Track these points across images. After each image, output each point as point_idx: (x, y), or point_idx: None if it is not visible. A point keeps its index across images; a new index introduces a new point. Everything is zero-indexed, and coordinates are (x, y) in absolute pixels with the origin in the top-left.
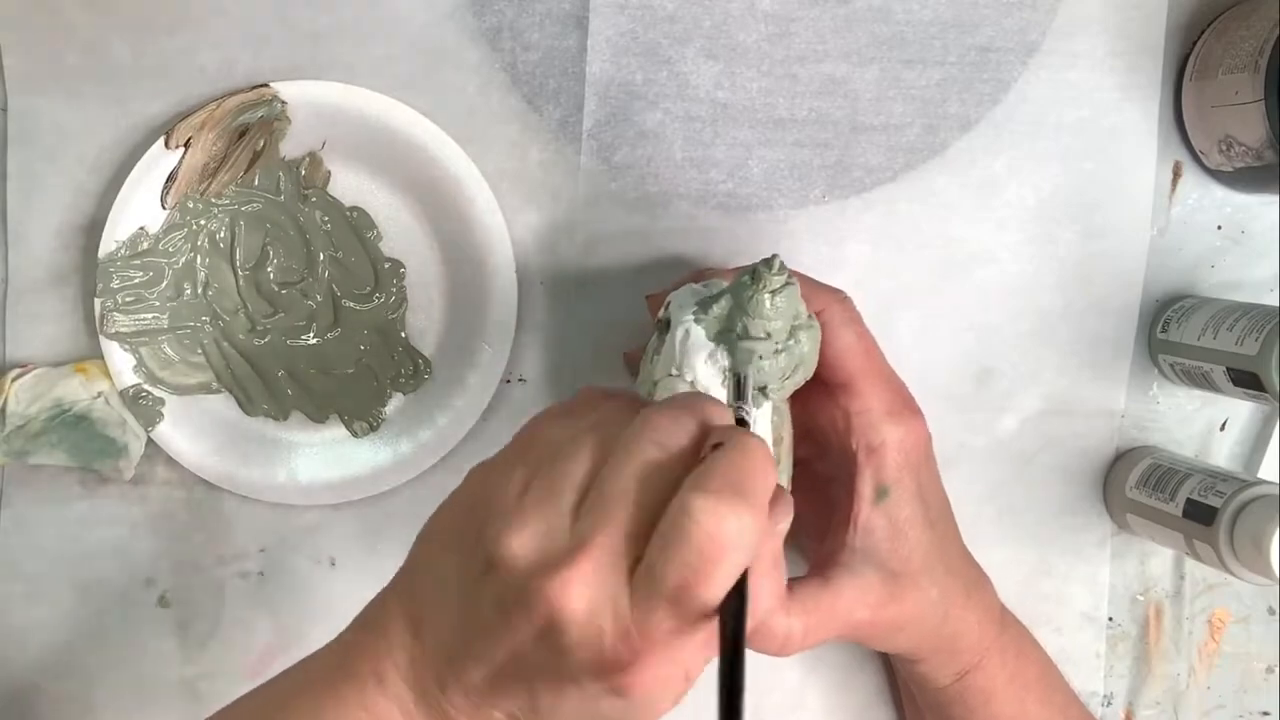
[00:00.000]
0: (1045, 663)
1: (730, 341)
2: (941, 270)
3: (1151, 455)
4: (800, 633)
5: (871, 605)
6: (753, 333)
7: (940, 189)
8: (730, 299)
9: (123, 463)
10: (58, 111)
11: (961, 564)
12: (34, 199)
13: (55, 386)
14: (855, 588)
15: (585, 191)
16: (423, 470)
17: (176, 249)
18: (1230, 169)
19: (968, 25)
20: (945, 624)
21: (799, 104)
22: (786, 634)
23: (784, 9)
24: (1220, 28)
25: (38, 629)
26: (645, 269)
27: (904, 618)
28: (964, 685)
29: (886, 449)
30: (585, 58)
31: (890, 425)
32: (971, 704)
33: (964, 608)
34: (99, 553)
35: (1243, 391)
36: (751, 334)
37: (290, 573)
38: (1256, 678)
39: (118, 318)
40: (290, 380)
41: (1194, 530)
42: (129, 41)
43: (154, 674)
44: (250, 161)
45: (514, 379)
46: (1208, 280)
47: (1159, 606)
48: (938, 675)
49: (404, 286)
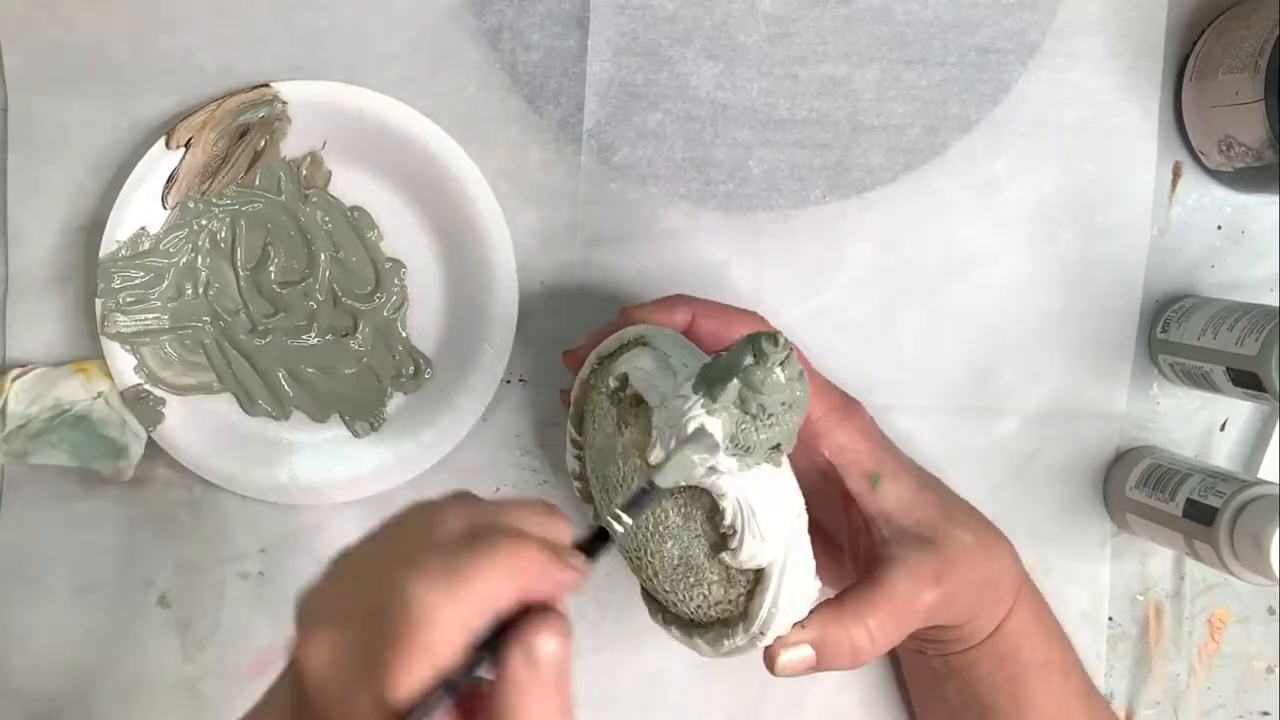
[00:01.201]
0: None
1: (741, 420)
2: (941, 270)
3: (1151, 455)
4: (868, 638)
5: (929, 580)
6: (770, 409)
7: (940, 189)
8: (738, 382)
9: (123, 463)
10: (58, 111)
11: (969, 506)
12: (34, 199)
13: (55, 387)
14: (906, 572)
15: (585, 191)
16: (424, 470)
17: (177, 249)
18: (1230, 169)
19: (968, 26)
20: (990, 561)
21: (799, 104)
22: (852, 645)
23: (784, 9)
24: (1220, 28)
25: (38, 629)
26: (645, 269)
27: (959, 575)
28: (1002, 632)
29: (852, 441)
30: (586, 58)
31: (842, 422)
32: (1005, 650)
33: (997, 541)
34: (99, 553)
35: (1243, 391)
36: (769, 410)
37: (290, 573)
38: (1256, 678)
39: (119, 318)
40: (291, 380)
41: (1194, 530)
42: (129, 41)
43: (154, 674)
44: (251, 161)
45: (514, 379)
46: (1208, 280)
47: (1159, 606)
48: (985, 625)
49: (405, 286)
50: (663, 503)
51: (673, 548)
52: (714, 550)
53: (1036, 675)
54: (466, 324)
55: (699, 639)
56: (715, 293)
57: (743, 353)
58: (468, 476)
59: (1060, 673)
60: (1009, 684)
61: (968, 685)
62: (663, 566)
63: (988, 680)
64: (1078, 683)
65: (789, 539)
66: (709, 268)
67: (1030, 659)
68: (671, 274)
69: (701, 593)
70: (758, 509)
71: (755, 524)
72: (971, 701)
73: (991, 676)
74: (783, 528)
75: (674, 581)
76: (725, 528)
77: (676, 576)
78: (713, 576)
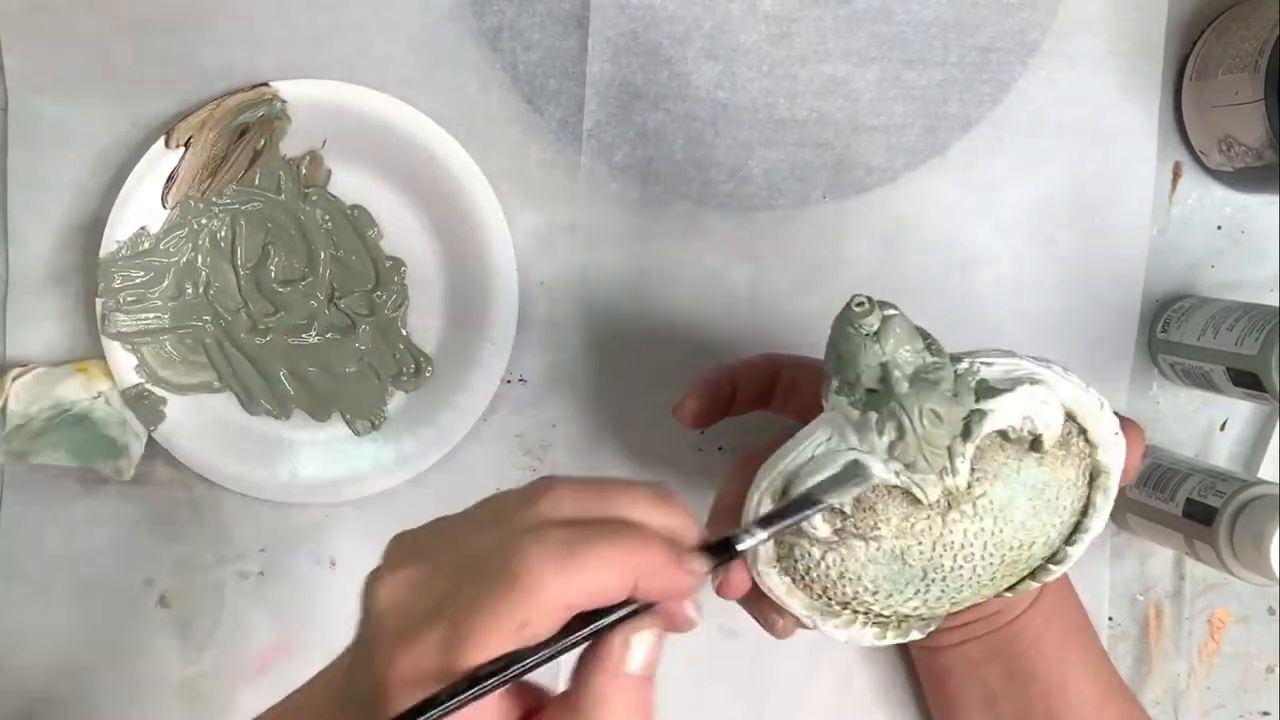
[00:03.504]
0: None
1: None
2: (941, 270)
3: (1151, 455)
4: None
5: None
6: (898, 387)
7: (940, 189)
8: (876, 414)
9: (123, 462)
10: (58, 111)
11: None
12: (34, 199)
13: (56, 386)
14: None
15: (585, 191)
16: (425, 468)
17: (177, 248)
18: (1230, 169)
19: (968, 26)
20: None
21: (799, 104)
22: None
23: (785, 9)
24: (1220, 28)
25: (38, 629)
26: (645, 269)
27: None
28: (1046, 591)
29: None
30: (586, 58)
31: None
32: (1049, 610)
33: None
34: (99, 553)
35: (1243, 391)
36: (897, 388)
37: (290, 573)
38: (1256, 678)
39: (119, 317)
40: (292, 379)
41: (1194, 530)
42: (129, 41)
43: (154, 674)
44: (250, 161)
45: (514, 379)
46: (1208, 280)
47: (1159, 606)
48: (1020, 601)
49: (405, 285)
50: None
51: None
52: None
53: (1076, 633)
54: (467, 323)
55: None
56: (715, 292)
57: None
58: (468, 476)
59: (1091, 630)
60: (1054, 646)
61: (1011, 659)
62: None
63: (1033, 647)
64: (1099, 640)
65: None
66: (709, 268)
67: (1071, 617)
68: (671, 274)
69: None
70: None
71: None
72: (1017, 675)
73: (1038, 641)
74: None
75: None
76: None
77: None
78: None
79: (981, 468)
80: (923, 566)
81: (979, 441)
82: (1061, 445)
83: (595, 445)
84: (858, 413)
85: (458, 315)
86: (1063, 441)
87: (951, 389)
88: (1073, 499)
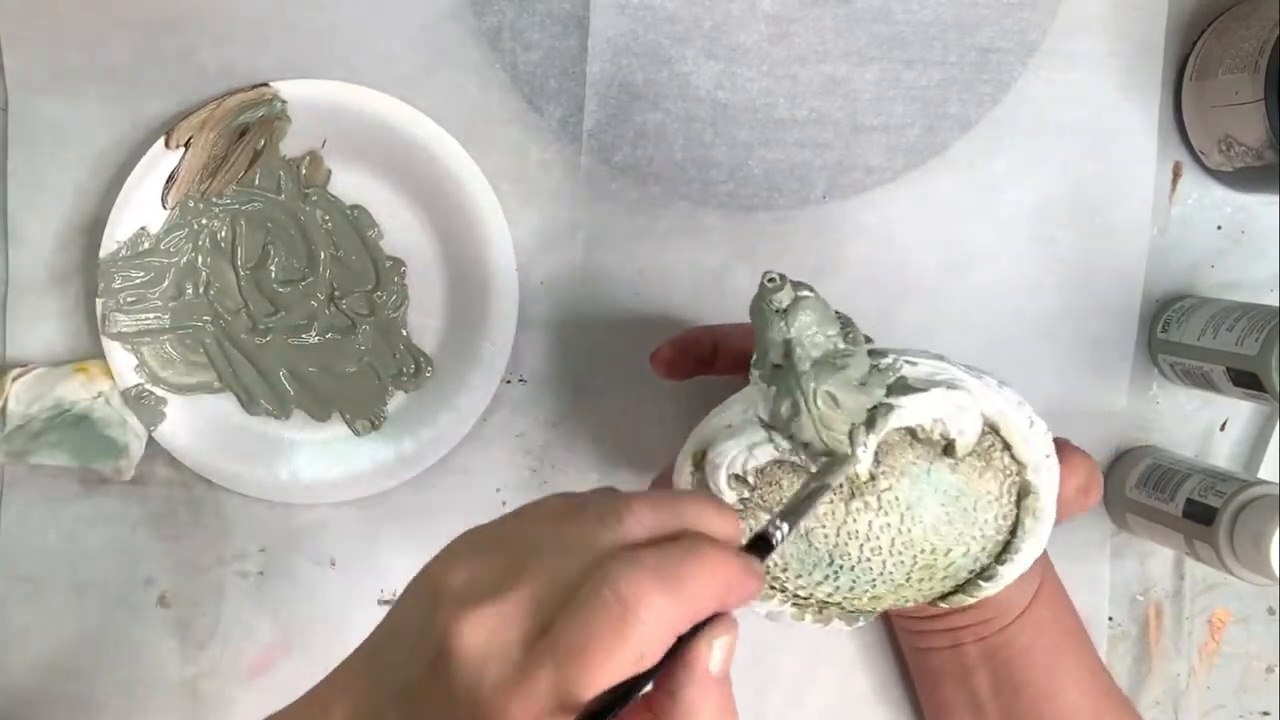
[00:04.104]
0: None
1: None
2: (941, 270)
3: (1151, 455)
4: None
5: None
6: (799, 365)
7: (940, 189)
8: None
9: (123, 462)
10: (58, 111)
11: None
12: (34, 199)
13: (56, 386)
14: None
15: (585, 191)
16: (425, 468)
17: (178, 249)
18: (1230, 169)
19: (968, 26)
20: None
21: (799, 104)
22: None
23: (784, 9)
24: (1220, 28)
25: (38, 629)
26: (645, 269)
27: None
28: (1039, 600)
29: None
30: (586, 58)
31: None
32: (1041, 619)
33: None
34: (99, 553)
35: (1243, 391)
36: (798, 365)
37: (290, 573)
38: (1256, 678)
39: (119, 318)
40: (292, 379)
41: (1194, 530)
42: (129, 41)
43: (154, 674)
44: (251, 161)
45: (514, 379)
46: (1208, 280)
47: (1159, 606)
48: (1026, 593)
49: (405, 285)
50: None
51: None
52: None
53: (1070, 642)
54: (467, 323)
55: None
56: (715, 292)
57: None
58: (468, 476)
59: (1086, 640)
60: (1046, 654)
61: (1001, 666)
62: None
63: (1024, 655)
64: (1094, 650)
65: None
66: (709, 268)
67: (1065, 625)
68: (671, 274)
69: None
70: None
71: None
72: (1005, 683)
73: (1029, 650)
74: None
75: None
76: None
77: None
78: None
79: (889, 463)
80: (828, 551)
81: (884, 435)
82: (981, 456)
83: (595, 445)
84: (765, 385)
85: (458, 315)
86: (982, 453)
87: (861, 378)
88: (995, 514)
